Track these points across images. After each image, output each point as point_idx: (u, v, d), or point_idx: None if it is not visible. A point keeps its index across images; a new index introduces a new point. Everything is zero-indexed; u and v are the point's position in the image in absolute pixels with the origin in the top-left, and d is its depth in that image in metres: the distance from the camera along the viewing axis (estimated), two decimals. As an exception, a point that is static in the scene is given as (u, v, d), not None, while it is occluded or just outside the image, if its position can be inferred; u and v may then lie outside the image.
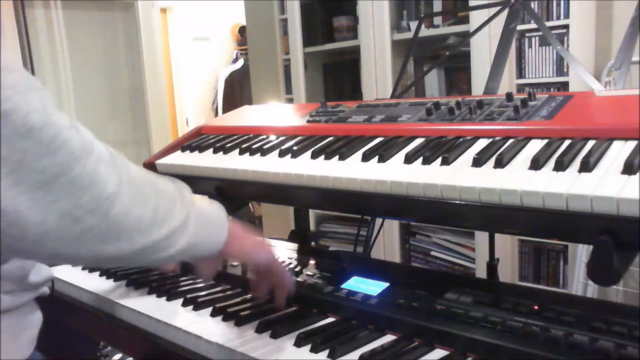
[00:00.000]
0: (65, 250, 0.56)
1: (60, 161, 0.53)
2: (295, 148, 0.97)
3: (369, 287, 0.88)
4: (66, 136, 0.54)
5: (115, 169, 0.60)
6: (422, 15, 1.77)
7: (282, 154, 0.98)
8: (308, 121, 1.11)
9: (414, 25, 2.53)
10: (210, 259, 0.77)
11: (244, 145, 1.07)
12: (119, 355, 1.36)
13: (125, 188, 0.60)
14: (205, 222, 0.71)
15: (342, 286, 0.90)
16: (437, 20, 2.49)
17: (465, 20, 2.36)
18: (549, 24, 2.16)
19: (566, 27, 2.14)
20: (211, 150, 1.11)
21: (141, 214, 0.61)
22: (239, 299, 0.93)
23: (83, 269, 1.12)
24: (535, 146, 0.76)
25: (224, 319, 0.85)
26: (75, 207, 0.55)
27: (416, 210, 0.77)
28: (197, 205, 0.71)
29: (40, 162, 0.52)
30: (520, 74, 2.29)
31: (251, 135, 1.14)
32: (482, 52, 2.21)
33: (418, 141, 0.89)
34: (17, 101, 0.51)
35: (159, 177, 0.69)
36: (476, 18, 2.17)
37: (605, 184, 0.61)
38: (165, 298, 0.95)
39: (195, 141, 1.20)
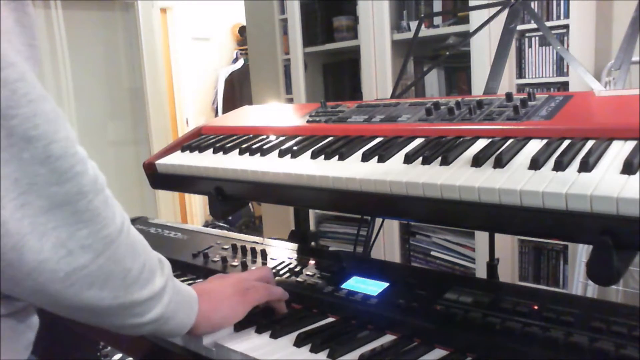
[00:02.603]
0: (53, 287, 0.56)
1: (68, 191, 0.55)
2: (295, 148, 0.97)
3: (369, 287, 0.88)
4: (80, 170, 0.56)
5: (120, 216, 0.61)
6: (422, 15, 1.77)
7: (282, 154, 0.98)
8: (308, 121, 1.11)
9: (414, 25, 2.53)
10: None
11: (244, 145, 1.07)
12: (119, 355, 1.36)
13: (124, 237, 0.61)
14: (178, 299, 0.71)
15: (342, 286, 0.90)
16: (437, 20, 2.49)
17: (465, 20, 2.36)
18: (549, 24, 2.17)
19: (566, 27, 2.15)
20: (211, 150, 1.11)
21: (130, 267, 0.62)
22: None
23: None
24: (534, 146, 0.76)
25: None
26: (72, 238, 0.56)
27: (416, 210, 0.77)
28: (174, 280, 0.71)
29: (49, 189, 0.54)
30: (520, 74, 2.29)
31: (251, 135, 1.14)
32: (482, 52, 2.21)
33: (418, 141, 0.89)
34: (45, 129, 0.54)
35: (147, 243, 0.69)
36: (476, 18, 2.17)
37: (604, 184, 0.61)
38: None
39: (195, 141, 1.20)
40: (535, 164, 0.70)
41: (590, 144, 0.72)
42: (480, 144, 0.82)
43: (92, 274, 0.58)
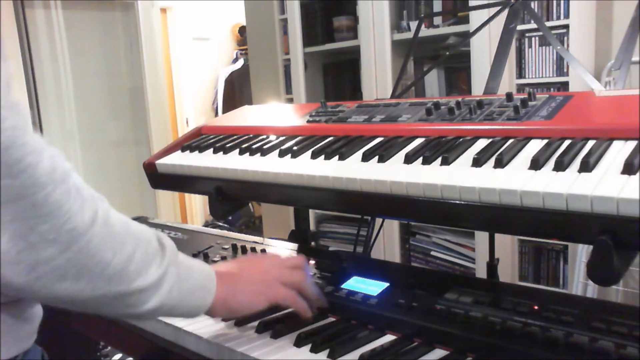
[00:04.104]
0: (18, 280, 0.55)
1: (21, 184, 0.53)
2: (295, 148, 0.97)
3: (369, 287, 0.88)
4: (33, 160, 0.54)
5: (90, 207, 0.59)
6: (422, 15, 1.77)
7: (282, 154, 0.98)
8: (308, 121, 1.11)
9: (414, 25, 2.53)
10: None
11: (244, 145, 1.07)
12: (119, 355, 1.36)
13: (98, 229, 0.58)
14: (186, 286, 0.68)
15: (342, 286, 0.90)
16: (437, 20, 2.49)
17: (465, 20, 2.36)
18: (549, 24, 2.16)
19: (566, 27, 2.14)
20: (211, 150, 1.11)
21: (109, 260, 0.59)
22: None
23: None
24: (535, 146, 0.76)
25: (224, 319, 0.85)
26: (33, 232, 0.54)
27: (416, 210, 0.77)
28: (181, 265, 0.68)
29: (1, 181, 0.52)
30: (520, 74, 2.29)
31: (251, 135, 1.14)
32: (482, 52, 2.21)
33: (418, 141, 0.89)
34: None
35: (145, 229, 0.66)
36: (476, 18, 2.17)
37: (605, 184, 0.61)
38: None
39: (195, 141, 1.20)
40: (536, 164, 0.70)
41: (590, 144, 0.72)
42: (481, 144, 0.82)
43: (61, 267, 0.56)
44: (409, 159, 0.82)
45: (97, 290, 0.59)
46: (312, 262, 1.02)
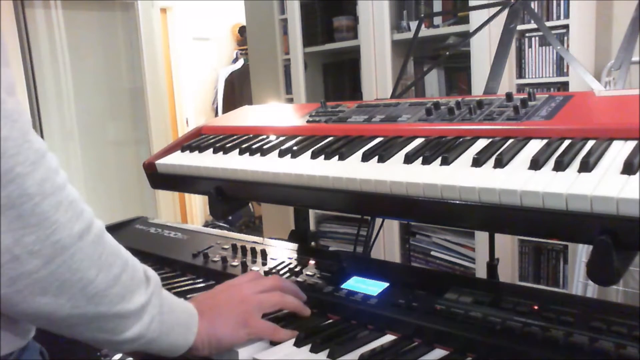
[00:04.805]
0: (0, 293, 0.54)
1: (9, 194, 0.52)
2: (295, 148, 0.97)
3: (369, 287, 0.88)
4: (23, 171, 0.53)
5: (83, 221, 0.58)
6: (422, 15, 1.77)
7: (282, 154, 0.98)
8: (308, 121, 1.11)
9: (414, 25, 2.53)
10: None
11: (244, 145, 1.07)
12: (119, 355, 1.35)
13: (85, 245, 0.57)
14: (168, 319, 0.67)
15: (342, 286, 0.90)
16: (437, 20, 2.49)
17: (465, 20, 2.36)
18: (549, 24, 2.17)
19: (566, 27, 2.15)
20: (211, 150, 1.11)
21: (92, 278, 0.58)
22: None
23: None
24: (535, 146, 0.76)
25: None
26: (18, 244, 0.53)
27: (416, 210, 0.77)
28: (164, 299, 0.67)
29: None
30: (520, 74, 2.29)
31: (251, 135, 1.14)
32: (482, 52, 2.21)
33: (418, 141, 0.89)
34: None
35: (135, 258, 0.65)
36: (476, 18, 2.17)
37: (605, 184, 0.61)
38: (165, 298, 0.95)
39: (195, 141, 1.20)
40: (536, 164, 0.70)
41: (590, 144, 0.72)
42: (481, 144, 0.82)
43: (43, 279, 0.55)
44: (409, 159, 0.82)
45: (77, 309, 0.58)
46: (312, 262, 1.02)
